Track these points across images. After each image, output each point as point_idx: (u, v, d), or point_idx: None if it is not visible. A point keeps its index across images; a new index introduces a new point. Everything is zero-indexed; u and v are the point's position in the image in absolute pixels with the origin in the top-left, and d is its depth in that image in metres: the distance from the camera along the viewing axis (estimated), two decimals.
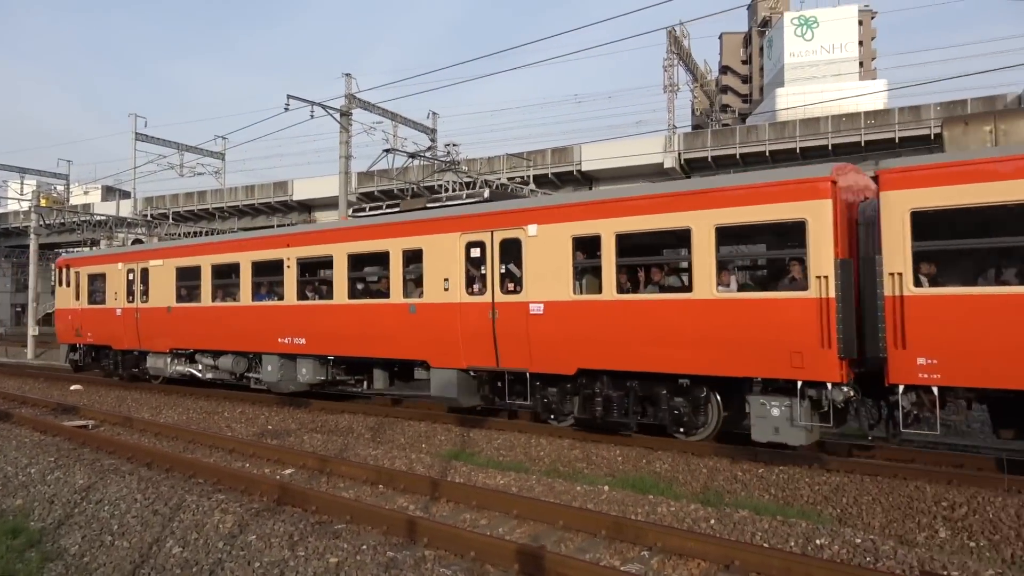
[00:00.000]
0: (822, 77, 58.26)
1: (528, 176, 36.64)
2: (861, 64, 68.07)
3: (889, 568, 6.38)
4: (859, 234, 9.48)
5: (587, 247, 11.17)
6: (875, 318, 8.84)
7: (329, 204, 42.85)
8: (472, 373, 12.65)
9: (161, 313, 18.13)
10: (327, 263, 14.89)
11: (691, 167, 40.38)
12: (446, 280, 12.61)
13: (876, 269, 8.84)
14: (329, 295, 14.70)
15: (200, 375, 17.96)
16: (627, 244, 10.66)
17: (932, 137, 32.97)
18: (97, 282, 20.53)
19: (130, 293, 19.27)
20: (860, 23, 69.59)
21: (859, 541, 6.96)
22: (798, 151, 35.90)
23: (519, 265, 11.72)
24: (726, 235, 9.83)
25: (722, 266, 9.97)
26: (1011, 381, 8.06)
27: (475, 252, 12.28)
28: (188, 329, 17.37)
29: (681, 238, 10.21)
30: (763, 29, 76.63)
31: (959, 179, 8.29)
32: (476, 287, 12.31)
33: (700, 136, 42.40)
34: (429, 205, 13.87)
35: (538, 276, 11.47)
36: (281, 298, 15.39)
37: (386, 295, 13.69)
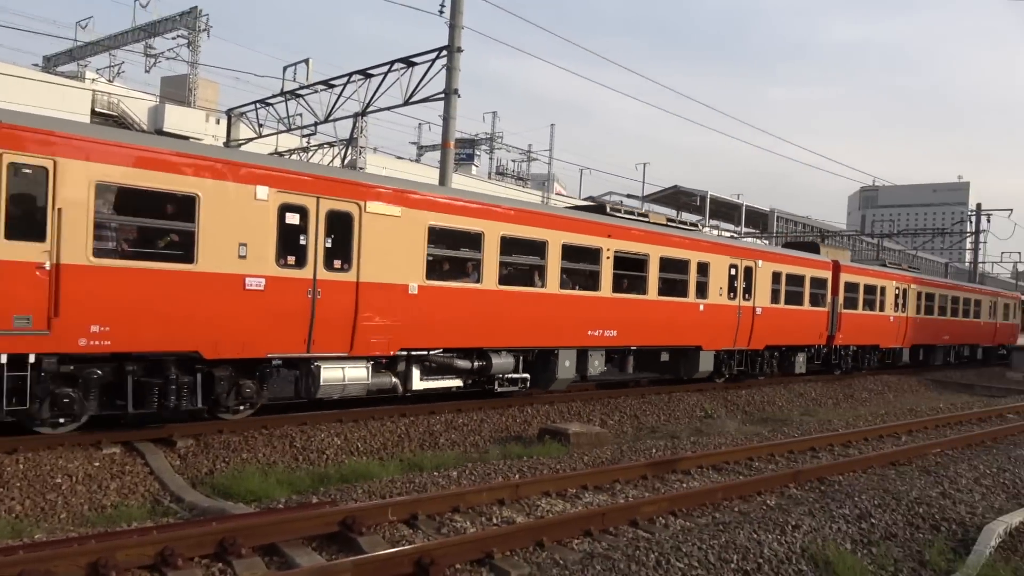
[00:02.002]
0: None
1: None
2: None
3: None
4: None
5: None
6: None
7: None
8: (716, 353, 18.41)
9: (397, 294, 11.65)
10: (638, 263, 16.06)
11: None
12: (721, 288, 18.15)
13: None
14: (643, 290, 16.14)
15: (407, 385, 12.40)
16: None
17: None
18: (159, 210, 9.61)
19: (293, 252, 10.62)
20: None
21: None
22: None
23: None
24: None
25: None
26: None
27: (732, 272, 18.70)
28: (458, 317, 12.63)
29: None
30: None
31: None
32: (733, 296, 18.72)
33: None
34: (699, 228, 20.35)
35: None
36: (596, 289, 15.16)
37: (684, 295, 17.10)
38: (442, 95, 18.01)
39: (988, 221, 47.43)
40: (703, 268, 17.58)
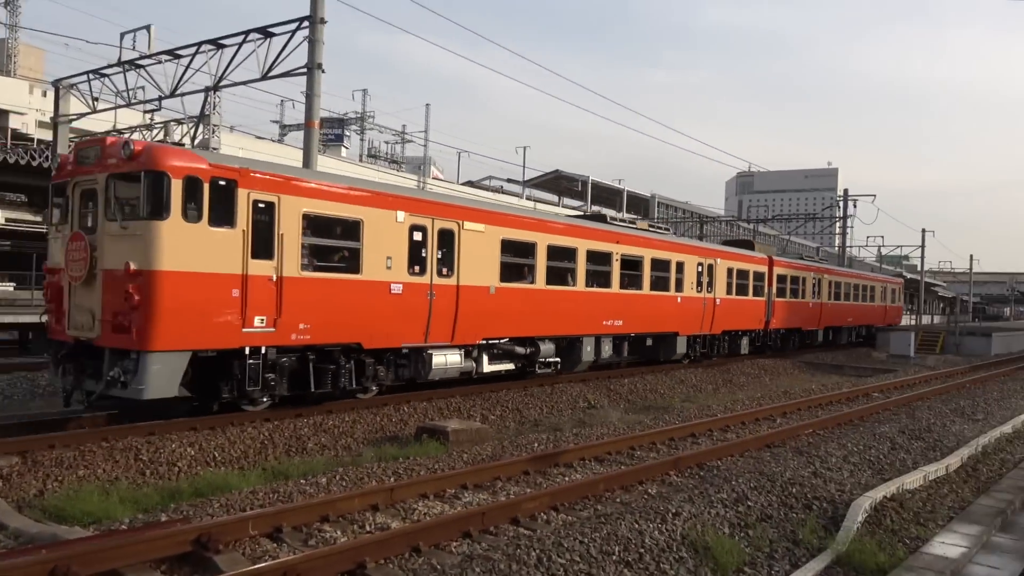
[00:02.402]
0: None
1: None
2: None
3: None
4: None
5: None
6: None
7: None
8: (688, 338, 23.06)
9: (482, 294, 15.22)
10: (637, 263, 20.29)
11: None
12: (692, 283, 22.54)
13: None
14: (640, 286, 20.35)
15: (479, 368, 15.79)
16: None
17: None
18: (338, 233, 13.04)
19: (417, 262, 14.01)
20: None
21: None
22: None
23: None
24: None
25: None
26: None
27: (699, 269, 23.24)
28: (518, 312, 16.27)
29: None
30: None
31: None
32: (700, 289, 23.32)
33: None
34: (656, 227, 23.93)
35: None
36: (608, 287, 18.95)
37: (667, 289, 21.50)
38: (304, 70, 17.44)
39: (854, 206, 51.41)
40: (680, 267, 22.12)
